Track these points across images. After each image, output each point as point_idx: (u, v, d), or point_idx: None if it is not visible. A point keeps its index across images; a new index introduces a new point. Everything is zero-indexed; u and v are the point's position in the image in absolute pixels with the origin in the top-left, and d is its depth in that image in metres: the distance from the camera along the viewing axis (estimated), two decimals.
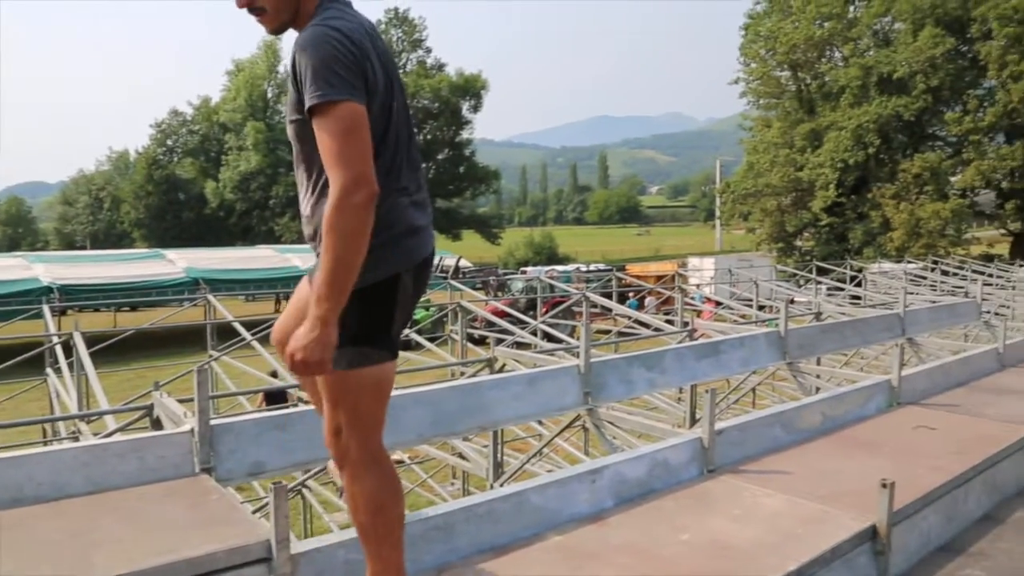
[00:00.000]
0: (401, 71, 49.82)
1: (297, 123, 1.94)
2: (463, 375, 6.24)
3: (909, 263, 20.20)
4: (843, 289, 15.44)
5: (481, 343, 12.04)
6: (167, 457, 2.76)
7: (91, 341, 6.75)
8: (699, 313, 14.70)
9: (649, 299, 20.96)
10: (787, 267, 23.70)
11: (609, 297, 14.21)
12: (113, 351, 8.40)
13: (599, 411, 4.31)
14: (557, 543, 2.66)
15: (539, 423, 6.90)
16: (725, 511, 2.95)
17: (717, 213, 48.35)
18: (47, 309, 8.84)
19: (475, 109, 53.49)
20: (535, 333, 9.20)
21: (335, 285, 1.80)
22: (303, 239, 2.12)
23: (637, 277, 22.57)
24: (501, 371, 5.33)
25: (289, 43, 2.06)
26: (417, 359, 8.57)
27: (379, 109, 1.93)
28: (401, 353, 2.87)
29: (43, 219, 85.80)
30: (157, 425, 3.35)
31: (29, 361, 7.30)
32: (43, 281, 20.61)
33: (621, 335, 11.46)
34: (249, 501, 7.09)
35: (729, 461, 3.48)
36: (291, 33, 2.04)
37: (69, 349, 6.70)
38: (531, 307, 17.12)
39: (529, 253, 57.55)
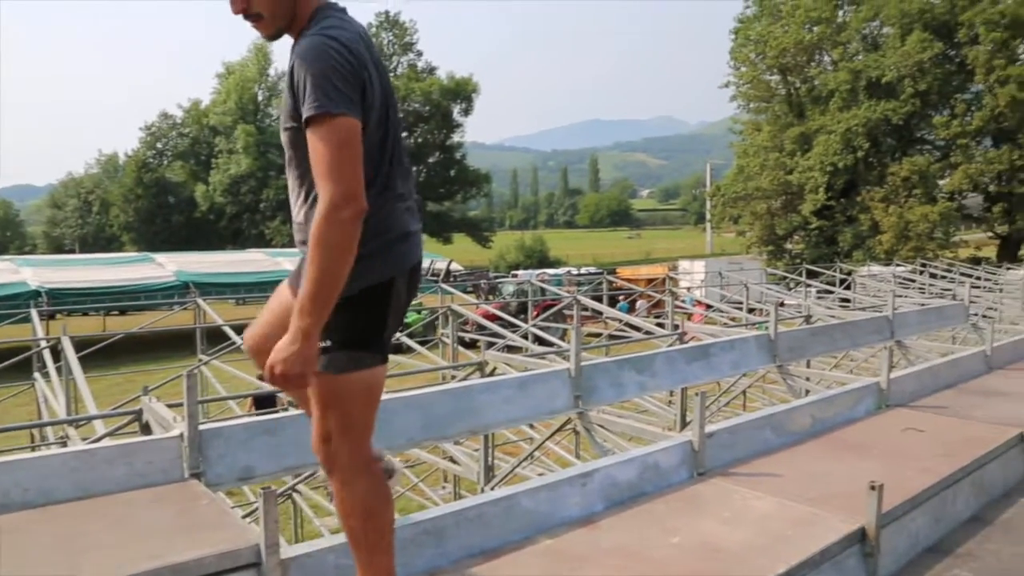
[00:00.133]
0: (392, 74, 49.52)
1: (292, 131, 1.94)
2: (454, 379, 6.24)
3: (898, 266, 20.31)
4: (832, 292, 15.48)
5: (472, 346, 12.02)
6: (156, 462, 2.75)
7: (80, 345, 6.69)
8: (690, 316, 14.74)
9: (640, 302, 20.99)
10: (777, 270, 23.82)
11: (600, 300, 14.22)
12: (102, 355, 8.34)
13: (589, 414, 4.31)
14: (548, 547, 2.66)
15: (530, 427, 6.90)
16: (715, 513, 2.96)
17: (707, 216, 48.49)
18: (35, 313, 8.77)
19: (466, 112, 53.53)
20: (526, 336, 9.19)
21: (319, 299, 1.79)
22: (294, 243, 2.11)
23: (628, 280, 22.60)
24: (492, 375, 5.33)
25: (280, 46, 2.05)
26: (408, 363, 8.56)
27: (377, 117, 1.93)
28: (392, 356, 2.86)
29: (31, 222, 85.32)
30: (146, 430, 3.33)
31: (17, 366, 7.25)
32: (31, 285, 20.45)
33: (612, 338, 11.46)
34: (239, 506, 7.05)
35: (719, 464, 3.49)
36: (286, 38, 2.03)
37: (57, 353, 6.65)
38: (522, 310, 17.14)
39: (520, 256, 57.49)
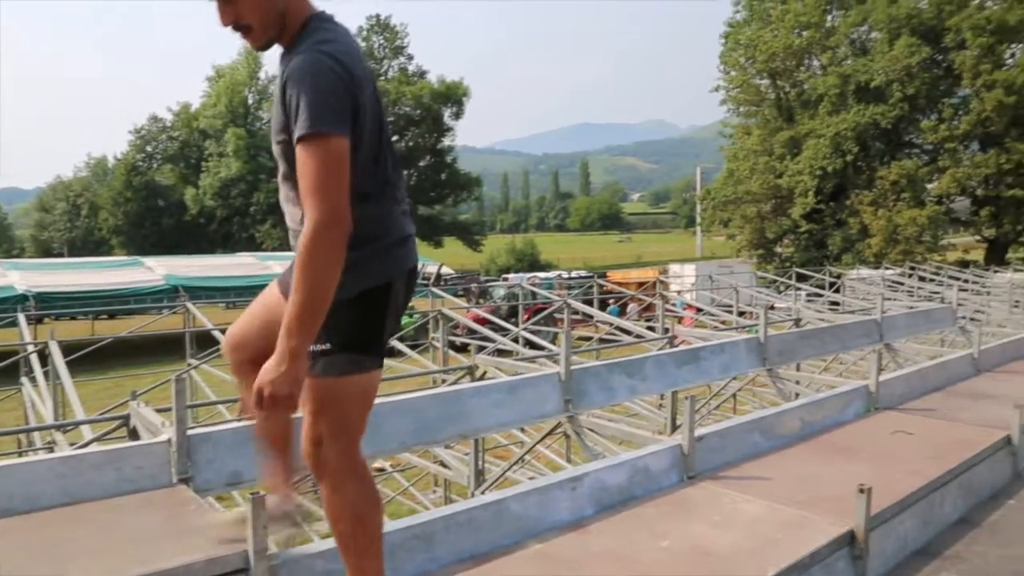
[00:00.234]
0: (383, 78, 49.42)
1: (284, 144, 1.93)
2: (444, 383, 6.22)
3: (887, 269, 20.42)
4: (822, 295, 15.55)
5: (463, 350, 12.00)
6: (144, 468, 2.73)
7: (68, 350, 6.65)
8: (680, 319, 14.78)
9: (632, 306, 21.03)
10: (767, 273, 23.92)
11: (591, 304, 14.25)
12: (90, 360, 8.29)
13: (580, 418, 4.31)
14: (538, 551, 2.66)
15: (521, 430, 6.89)
16: (705, 517, 2.97)
17: (698, 220, 48.66)
18: (22, 318, 8.71)
19: (457, 116, 53.54)
20: (517, 340, 9.19)
21: (306, 319, 1.79)
22: (284, 246, 2.11)
23: (618, 284, 22.64)
24: (482, 379, 5.32)
25: (272, 50, 2.01)
26: (398, 367, 8.53)
27: (371, 128, 1.92)
28: None
29: (19, 226, 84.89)
30: (134, 435, 3.31)
31: (4, 370, 7.21)
32: (18, 289, 20.28)
33: (602, 342, 11.48)
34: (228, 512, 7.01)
35: (709, 467, 3.50)
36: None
37: (45, 358, 6.61)
38: (513, 314, 17.12)
39: (511, 260, 57.49)
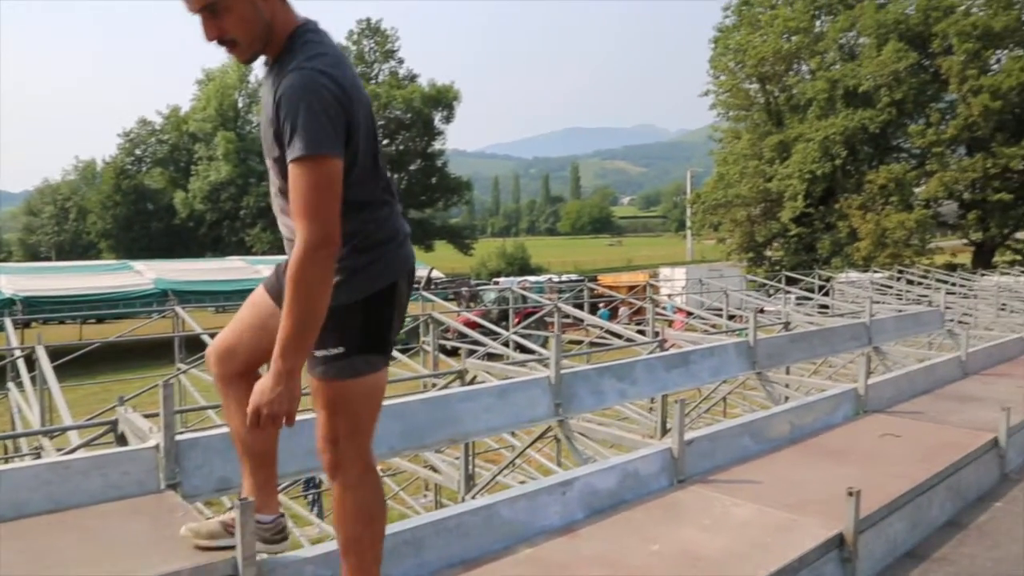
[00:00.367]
0: (373, 82, 49.15)
1: (278, 161, 1.91)
2: (435, 387, 6.21)
3: (875, 272, 20.54)
4: (811, 298, 15.64)
5: (453, 354, 11.99)
6: (131, 473, 2.71)
7: (55, 354, 6.61)
8: (670, 323, 14.80)
9: (622, 309, 21.08)
10: (757, 277, 24.01)
11: (581, 308, 14.27)
12: (79, 364, 8.25)
13: (570, 422, 4.31)
14: (528, 556, 2.65)
15: (511, 434, 6.89)
16: (695, 521, 2.97)
17: (688, 223, 48.79)
18: (9, 322, 8.66)
19: (447, 120, 53.52)
20: (507, 344, 9.19)
21: (299, 339, 1.81)
22: (274, 250, 2.10)
23: (609, 287, 22.69)
24: (472, 383, 5.32)
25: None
26: (389, 371, 8.51)
27: (364, 136, 1.91)
28: None
29: (6, 229, 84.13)
30: (122, 441, 3.29)
31: None
32: (5, 293, 20.12)
33: (593, 345, 11.49)
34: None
35: (699, 471, 3.50)
36: None
37: (32, 363, 6.56)
38: (503, 318, 17.14)
39: (501, 264, 57.50)
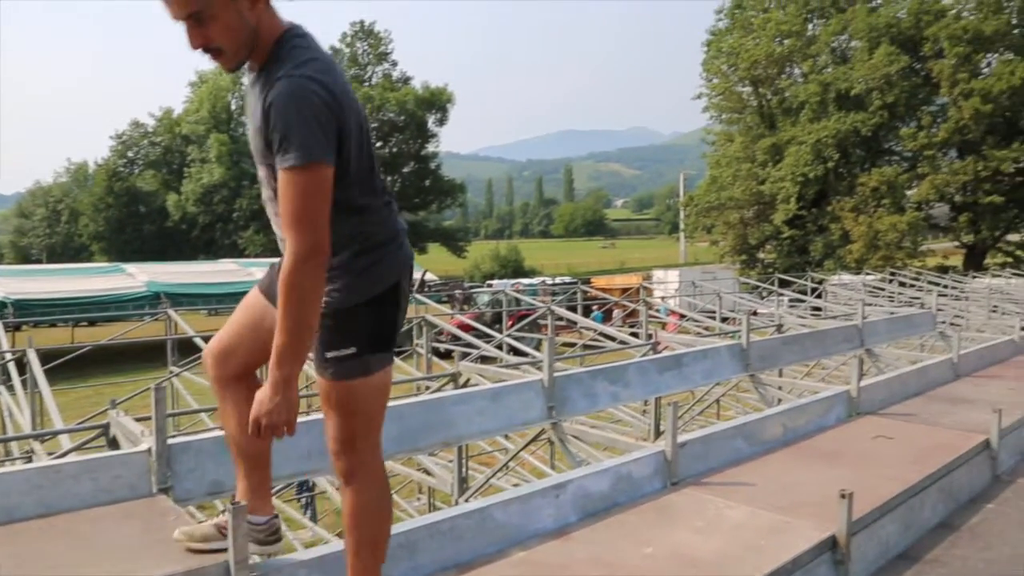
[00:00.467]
0: (367, 84, 48.94)
1: (269, 168, 1.90)
2: (428, 390, 6.21)
3: (868, 275, 20.61)
4: (804, 301, 15.67)
5: (447, 357, 11.98)
6: (123, 477, 2.70)
7: (47, 357, 6.58)
8: (664, 325, 14.83)
9: (616, 312, 21.10)
10: (750, 279, 24.05)
11: (574, 310, 14.27)
12: (70, 368, 8.20)
13: (563, 425, 4.31)
14: (521, 559, 2.65)
15: (505, 437, 6.88)
16: (688, 523, 2.97)
17: (681, 226, 48.88)
18: (0, 325, 8.61)
19: (441, 122, 53.45)
20: (501, 347, 9.18)
21: (295, 347, 1.82)
22: (267, 252, 2.09)
23: (602, 290, 22.68)
24: (466, 385, 5.31)
25: None
26: None
27: (356, 142, 1.90)
28: None
29: None
30: (113, 445, 3.27)
31: None
32: None
33: (587, 348, 11.49)
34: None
35: (692, 473, 3.50)
36: None
37: (23, 366, 6.53)
38: (497, 320, 17.12)
39: (495, 266, 57.43)
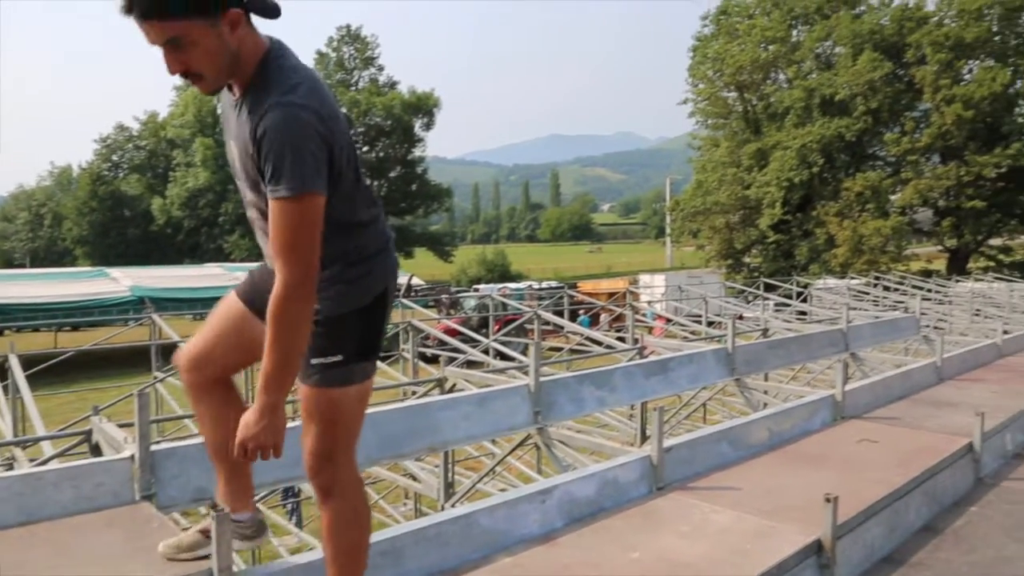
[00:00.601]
0: (353, 88, 48.84)
1: (258, 194, 1.88)
2: (414, 395, 6.19)
3: (852, 279, 20.77)
4: (789, 305, 15.76)
5: (433, 362, 11.95)
6: (105, 484, 2.67)
7: (29, 362, 6.51)
8: (650, 330, 14.86)
9: (603, 316, 21.14)
10: (736, 284, 24.18)
11: (561, 315, 14.27)
12: (53, 373, 8.12)
13: (550, 430, 4.31)
14: (507, 565, 2.64)
15: (491, 442, 6.87)
16: (674, 528, 2.97)
17: (667, 230, 49.10)
18: None
19: (427, 127, 53.50)
20: (487, 352, 9.17)
21: (282, 374, 1.82)
22: (252, 257, 2.08)
23: (589, 294, 22.73)
24: (452, 391, 5.30)
25: None
26: None
27: (346, 159, 1.89)
28: None
29: None
30: (96, 451, 3.24)
31: None
32: None
33: (573, 352, 11.51)
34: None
35: (678, 478, 3.51)
36: None
37: (4, 371, 6.46)
38: (483, 325, 17.10)
39: (482, 271, 57.43)
